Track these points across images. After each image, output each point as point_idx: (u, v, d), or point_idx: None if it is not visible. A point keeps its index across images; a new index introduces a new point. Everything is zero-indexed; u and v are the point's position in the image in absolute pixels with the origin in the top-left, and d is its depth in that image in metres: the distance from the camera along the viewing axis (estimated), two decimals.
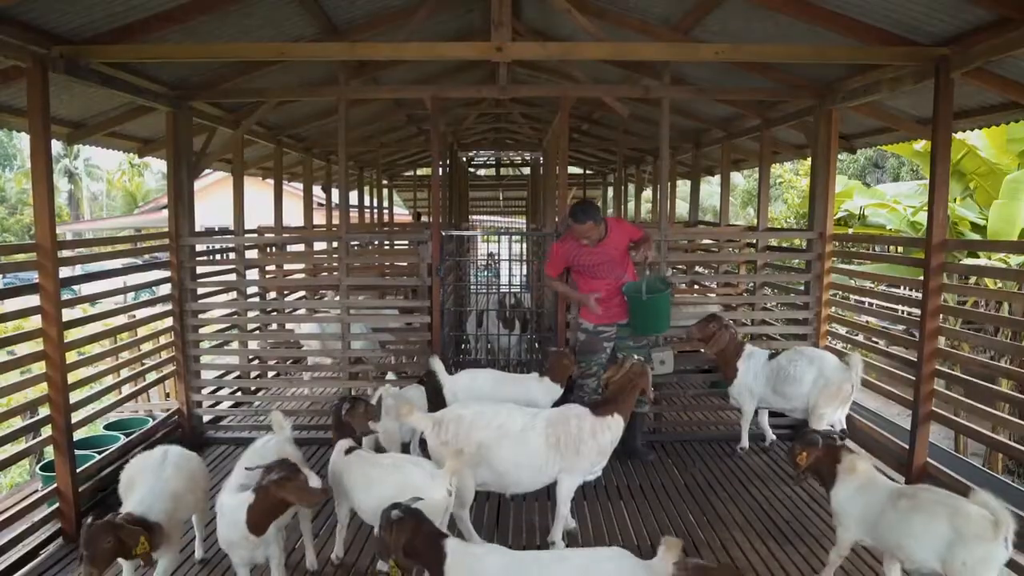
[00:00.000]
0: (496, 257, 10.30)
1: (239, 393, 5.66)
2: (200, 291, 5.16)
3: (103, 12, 3.61)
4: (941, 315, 3.86)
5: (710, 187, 19.92)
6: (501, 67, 4.82)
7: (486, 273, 10.74)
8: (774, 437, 4.84)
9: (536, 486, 3.35)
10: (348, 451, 3.16)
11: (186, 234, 4.91)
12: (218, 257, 6.41)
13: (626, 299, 4.25)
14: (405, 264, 6.60)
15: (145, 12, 3.75)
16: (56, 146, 12.84)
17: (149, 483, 2.85)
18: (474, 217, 16.40)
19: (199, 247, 5.17)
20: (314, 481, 2.71)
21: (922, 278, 3.86)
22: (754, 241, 5.79)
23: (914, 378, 3.88)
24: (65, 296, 3.72)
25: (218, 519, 2.83)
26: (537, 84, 6.41)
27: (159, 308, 5.10)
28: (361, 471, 2.92)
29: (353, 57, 4.31)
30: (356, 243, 8.07)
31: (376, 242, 7.91)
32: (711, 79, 5.44)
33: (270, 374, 6.02)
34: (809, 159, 5.51)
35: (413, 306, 5.42)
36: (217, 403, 5.40)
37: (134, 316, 5.01)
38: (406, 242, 8.12)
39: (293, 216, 8.35)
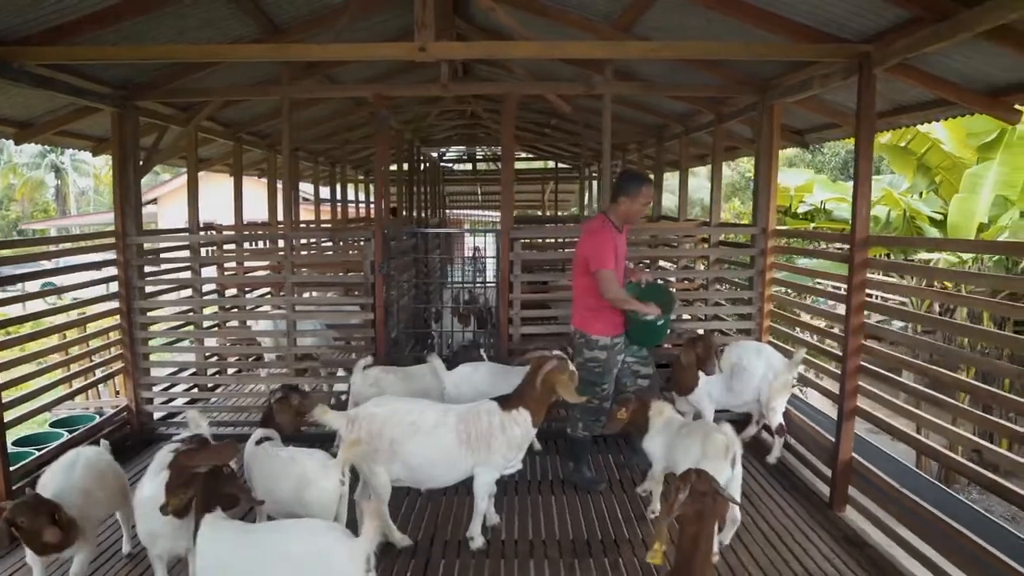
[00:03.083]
0: (482, 252, 10.27)
1: (195, 389, 5.72)
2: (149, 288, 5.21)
3: (33, 14, 3.62)
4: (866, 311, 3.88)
5: (698, 180, 19.85)
6: (443, 65, 4.83)
7: (470, 268, 10.71)
8: None
9: (450, 481, 3.40)
10: (260, 442, 3.22)
11: (132, 232, 4.95)
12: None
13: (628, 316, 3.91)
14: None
15: (76, 14, 3.76)
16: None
17: (59, 481, 2.92)
18: (455, 212, 16.42)
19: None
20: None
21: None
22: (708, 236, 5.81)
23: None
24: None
25: (137, 515, 2.89)
26: (482, 82, 6.43)
27: (109, 305, 5.12)
28: (260, 463, 2.98)
29: (282, 58, 4.33)
30: (327, 241, 8.21)
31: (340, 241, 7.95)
32: (660, 75, 5.45)
33: (213, 370, 6.04)
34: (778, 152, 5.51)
35: (356, 303, 5.44)
36: (171, 400, 5.46)
37: (84, 312, 5.05)
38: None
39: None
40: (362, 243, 5.10)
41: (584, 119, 7.57)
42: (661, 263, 7.11)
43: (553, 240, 8.33)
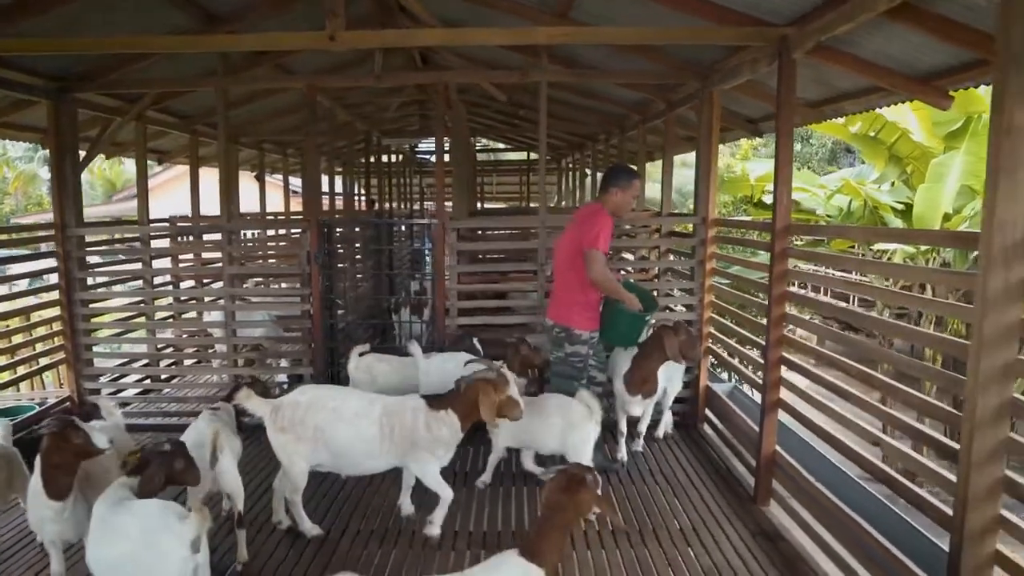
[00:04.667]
0: None
1: (148, 380, 5.74)
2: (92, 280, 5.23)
3: None
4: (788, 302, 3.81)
5: (689, 171, 19.65)
6: (377, 55, 4.79)
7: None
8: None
9: (373, 470, 3.43)
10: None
11: (72, 224, 4.96)
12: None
13: (613, 310, 3.92)
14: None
15: None
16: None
17: None
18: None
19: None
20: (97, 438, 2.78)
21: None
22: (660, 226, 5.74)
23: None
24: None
25: (27, 502, 2.91)
26: (413, 71, 6.39)
27: (53, 295, 5.15)
28: (195, 430, 3.16)
29: (196, 50, 4.31)
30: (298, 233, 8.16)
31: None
32: (599, 61, 5.38)
33: (163, 362, 6.06)
34: (746, 141, 5.45)
35: (295, 294, 5.41)
36: (120, 391, 5.49)
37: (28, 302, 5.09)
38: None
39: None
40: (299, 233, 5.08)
41: (550, 110, 7.49)
42: (624, 254, 7.06)
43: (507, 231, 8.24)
